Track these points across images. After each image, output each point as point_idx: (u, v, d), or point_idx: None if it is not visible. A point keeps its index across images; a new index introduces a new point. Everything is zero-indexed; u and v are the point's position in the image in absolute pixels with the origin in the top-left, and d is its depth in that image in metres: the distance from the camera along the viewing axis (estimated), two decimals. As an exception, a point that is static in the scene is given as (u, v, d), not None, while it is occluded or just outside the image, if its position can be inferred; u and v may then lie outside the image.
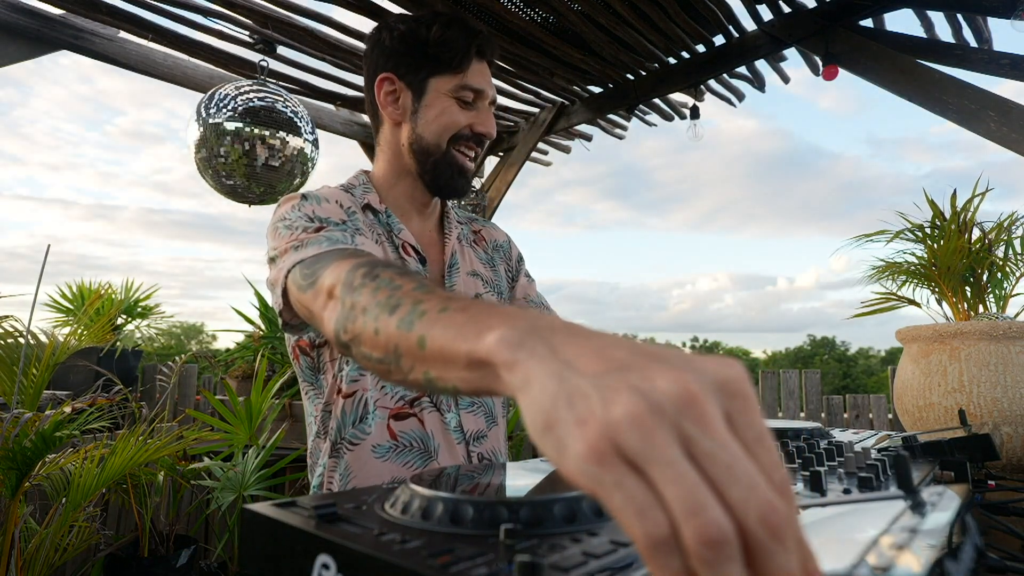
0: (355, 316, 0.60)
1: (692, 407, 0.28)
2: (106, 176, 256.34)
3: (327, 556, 0.41)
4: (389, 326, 0.54)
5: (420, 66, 1.02)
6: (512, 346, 0.38)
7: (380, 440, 0.95)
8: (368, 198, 1.05)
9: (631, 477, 0.27)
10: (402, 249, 1.04)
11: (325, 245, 0.81)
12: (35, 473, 2.01)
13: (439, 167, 1.04)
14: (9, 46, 2.48)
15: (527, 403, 0.33)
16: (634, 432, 0.27)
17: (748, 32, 2.79)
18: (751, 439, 0.29)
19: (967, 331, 1.42)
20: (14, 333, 2.27)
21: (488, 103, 1.05)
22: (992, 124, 2.13)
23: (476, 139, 1.05)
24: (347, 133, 3.77)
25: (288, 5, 2.56)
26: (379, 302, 0.57)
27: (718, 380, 0.30)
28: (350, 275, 0.65)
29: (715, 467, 0.26)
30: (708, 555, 0.25)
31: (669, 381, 0.28)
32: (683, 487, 0.26)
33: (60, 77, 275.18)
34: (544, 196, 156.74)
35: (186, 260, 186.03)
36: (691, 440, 0.27)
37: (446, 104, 1.01)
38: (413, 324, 0.51)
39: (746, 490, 0.26)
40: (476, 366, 0.43)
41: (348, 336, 0.61)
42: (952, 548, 0.35)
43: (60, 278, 19.13)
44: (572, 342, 0.35)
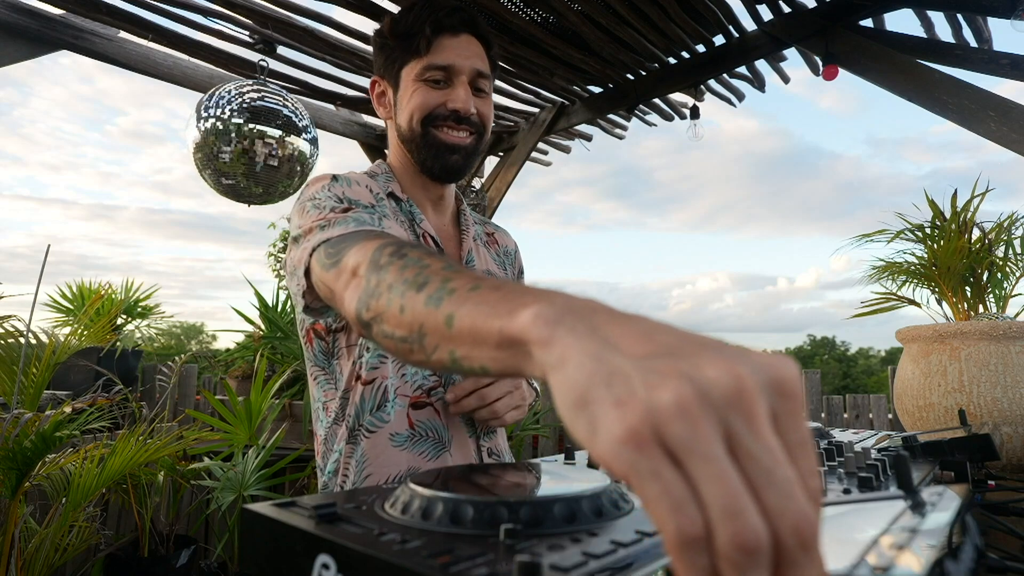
0: (380, 293, 0.58)
1: (741, 402, 0.27)
2: (106, 176, 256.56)
3: (327, 556, 0.41)
4: (416, 303, 0.52)
5: (392, 60, 1.02)
6: (549, 323, 0.36)
7: (399, 428, 0.95)
8: (391, 186, 1.05)
9: (670, 468, 0.26)
10: (423, 238, 1.03)
11: (352, 225, 0.78)
12: (35, 473, 2.01)
13: (422, 151, 1.01)
14: (9, 46, 2.47)
15: (559, 380, 0.32)
16: (679, 421, 0.26)
17: (748, 32, 2.79)
18: (794, 443, 0.28)
19: (967, 331, 1.42)
20: (14, 333, 2.27)
21: (466, 78, 1.00)
22: (992, 124, 2.13)
23: (454, 117, 0.99)
24: (347, 133, 3.77)
25: (288, 5, 2.56)
26: (406, 279, 0.55)
27: (771, 377, 0.29)
28: (376, 254, 0.63)
29: (756, 469, 0.26)
30: (741, 560, 0.24)
31: (721, 371, 0.27)
32: (724, 487, 0.25)
33: (60, 77, 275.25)
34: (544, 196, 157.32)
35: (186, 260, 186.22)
36: (736, 436, 0.26)
37: (415, 88, 1.00)
38: (442, 301, 0.49)
39: (784, 498, 0.25)
40: (508, 344, 0.41)
41: (371, 314, 0.59)
42: (952, 548, 0.35)
43: (60, 278, 19.14)
44: (615, 322, 0.34)
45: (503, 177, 3.87)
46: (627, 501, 0.53)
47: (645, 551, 0.40)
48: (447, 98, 0.99)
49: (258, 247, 49.13)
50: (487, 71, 1.03)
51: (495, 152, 3.98)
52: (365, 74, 3.08)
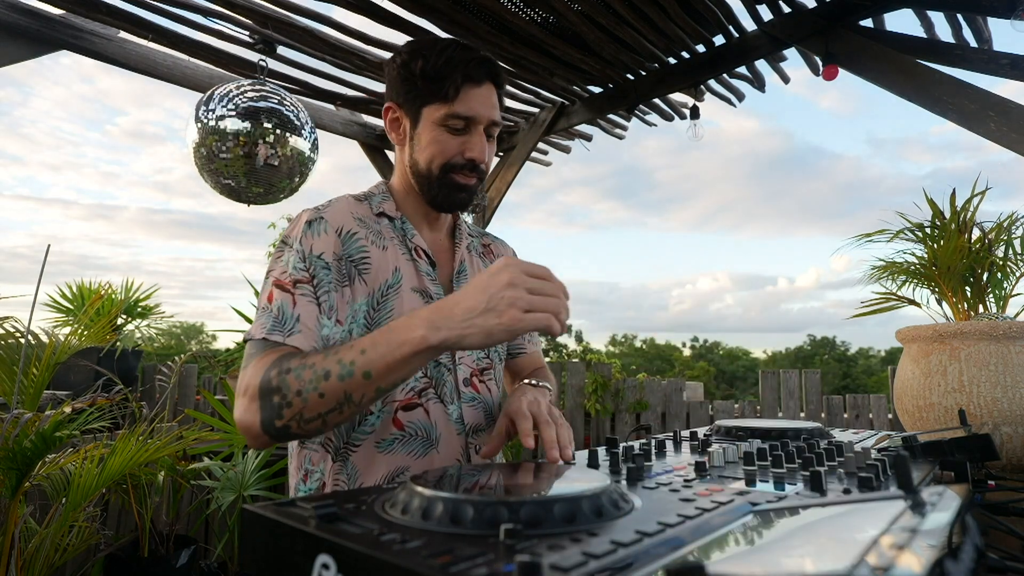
0: (290, 402, 0.80)
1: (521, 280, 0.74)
2: (107, 176, 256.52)
3: (327, 556, 0.41)
4: (331, 385, 0.78)
5: (414, 96, 1.06)
6: (435, 328, 0.76)
7: (384, 435, 1.00)
8: (384, 206, 1.11)
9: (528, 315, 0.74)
10: (415, 252, 1.09)
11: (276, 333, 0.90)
12: (35, 473, 2.01)
13: (434, 190, 1.08)
14: (9, 46, 2.48)
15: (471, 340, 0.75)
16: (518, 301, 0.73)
17: (748, 32, 2.79)
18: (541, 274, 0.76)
19: (967, 331, 1.42)
20: (14, 333, 2.27)
21: (483, 127, 1.06)
22: (992, 124, 2.13)
23: (470, 165, 1.07)
24: (347, 133, 3.77)
25: (288, 5, 2.56)
26: (309, 379, 0.80)
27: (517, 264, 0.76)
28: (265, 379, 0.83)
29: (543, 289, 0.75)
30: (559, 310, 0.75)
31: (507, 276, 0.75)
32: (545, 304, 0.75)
33: (61, 77, 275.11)
34: (544, 196, 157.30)
35: (186, 260, 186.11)
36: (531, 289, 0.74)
37: (435, 133, 1.05)
38: (352, 372, 0.78)
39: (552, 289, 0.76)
40: (417, 356, 0.77)
41: (283, 421, 0.81)
42: (952, 548, 0.35)
43: (60, 278, 19.12)
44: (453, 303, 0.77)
45: (503, 177, 3.87)
46: (627, 501, 0.53)
47: (645, 551, 0.40)
48: (465, 146, 1.06)
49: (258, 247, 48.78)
50: (499, 119, 1.11)
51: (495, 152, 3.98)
52: (365, 74, 3.09)
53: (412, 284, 1.07)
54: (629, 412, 3.78)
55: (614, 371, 3.95)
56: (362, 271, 1.02)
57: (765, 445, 0.90)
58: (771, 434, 1.06)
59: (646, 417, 3.74)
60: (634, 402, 3.76)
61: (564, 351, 18.44)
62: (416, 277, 1.08)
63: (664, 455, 0.92)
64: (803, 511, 0.48)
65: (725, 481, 0.69)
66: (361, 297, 1.01)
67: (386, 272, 1.04)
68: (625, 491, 0.55)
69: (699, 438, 1.04)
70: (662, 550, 0.40)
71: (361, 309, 1.01)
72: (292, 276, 0.97)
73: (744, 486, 0.66)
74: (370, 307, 1.02)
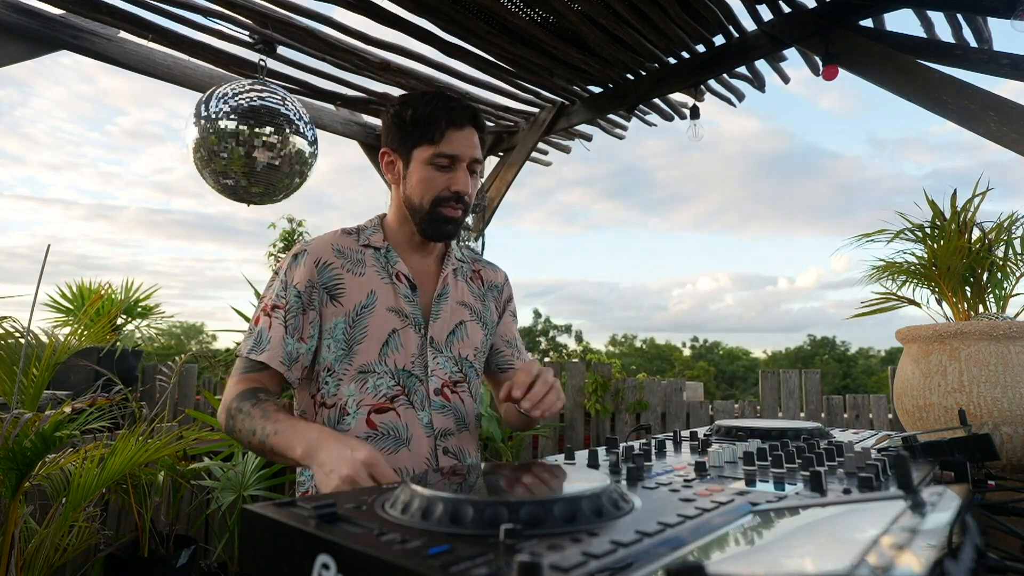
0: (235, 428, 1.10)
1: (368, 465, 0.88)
2: (107, 176, 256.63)
3: (327, 556, 0.41)
4: (255, 441, 1.06)
5: (405, 140, 1.22)
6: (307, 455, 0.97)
7: (359, 433, 1.17)
8: (372, 239, 1.28)
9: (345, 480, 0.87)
10: (395, 277, 1.25)
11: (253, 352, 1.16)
12: (35, 473, 2.01)
13: (425, 222, 1.24)
14: (9, 46, 2.48)
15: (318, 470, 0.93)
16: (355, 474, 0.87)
17: (748, 32, 2.79)
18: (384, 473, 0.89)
19: (967, 331, 1.42)
20: (14, 333, 2.27)
21: (466, 164, 1.22)
22: (992, 124, 2.13)
23: (455, 197, 1.22)
24: (347, 133, 3.77)
25: (288, 5, 2.56)
26: (247, 427, 1.07)
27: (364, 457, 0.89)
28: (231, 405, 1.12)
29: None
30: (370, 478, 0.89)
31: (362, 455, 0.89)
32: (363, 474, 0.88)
33: (61, 77, 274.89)
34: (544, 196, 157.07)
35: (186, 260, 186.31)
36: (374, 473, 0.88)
37: (424, 172, 1.21)
38: (265, 442, 1.04)
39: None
40: (298, 460, 0.99)
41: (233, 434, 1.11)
42: (952, 548, 0.35)
43: (60, 278, 19.14)
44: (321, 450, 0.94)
45: (503, 177, 3.87)
46: (627, 501, 0.53)
47: (645, 551, 0.40)
48: (451, 181, 1.21)
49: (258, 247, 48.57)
50: (480, 157, 1.26)
51: (495, 152, 3.98)
52: (365, 74, 3.09)
53: (388, 304, 1.23)
54: (629, 412, 3.78)
55: (614, 371, 3.96)
56: (335, 295, 1.20)
57: (765, 445, 0.90)
58: (771, 434, 1.06)
59: (646, 417, 3.74)
60: (634, 402, 3.76)
61: (564, 351, 18.40)
62: (393, 298, 1.24)
63: (664, 455, 0.92)
64: (803, 511, 0.48)
65: (725, 481, 0.69)
66: (336, 317, 1.19)
67: (360, 295, 1.21)
68: (625, 491, 0.55)
69: (699, 438, 1.04)
70: (662, 550, 0.40)
71: (339, 326, 1.19)
72: (273, 302, 1.20)
73: (744, 486, 0.66)
74: (347, 324, 1.19)
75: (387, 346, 1.20)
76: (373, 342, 1.19)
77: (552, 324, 55.89)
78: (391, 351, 1.20)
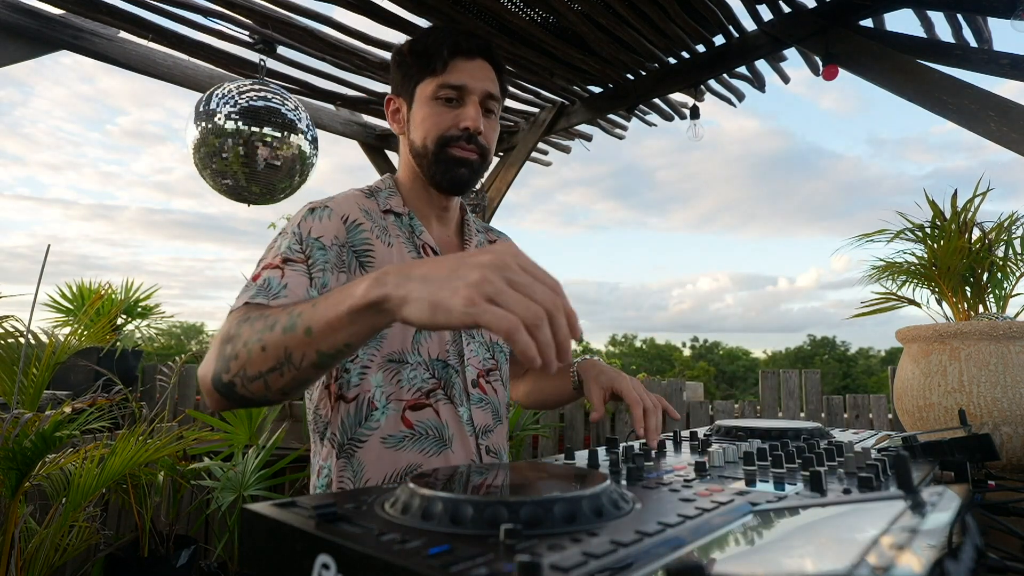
0: (236, 353, 0.73)
1: (504, 265, 0.58)
2: (107, 176, 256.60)
3: (327, 556, 0.41)
4: (274, 337, 0.70)
5: (408, 78, 1.07)
6: (378, 285, 0.62)
7: (392, 431, 0.99)
8: (391, 202, 1.10)
9: (491, 306, 0.56)
10: (423, 250, 1.08)
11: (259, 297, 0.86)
12: (35, 473, 2.00)
13: (433, 167, 1.06)
14: (9, 46, 2.48)
15: (412, 308, 0.60)
16: (485, 284, 0.56)
17: (748, 32, 2.79)
18: (533, 271, 0.59)
19: (967, 331, 1.42)
20: (14, 333, 2.27)
21: (477, 98, 1.04)
22: (992, 124, 2.12)
23: (466, 136, 1.04)
24: (347, 133, 3.77)
25: (288, 5, 2.56)
26: (258, 329, 0.72)
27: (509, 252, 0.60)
28: (227, 329, 0.77)
29: (525, 288, 0.57)
30: (536, 322, 0.55)
31: (488, 258, 0.58)
32: (515, 300, 0.56)
33: (61, 77, 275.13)
34: (544, 196, 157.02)
35: (186, 260, 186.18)
36: (511, 281, 0.57)
37: (429, 108, 1.05)
38: (296, 324, 0.68)
39: (540, 293, 0.57)
40: (358, 315, 0.64)
41: (230, 375, 0.73)
42: (952, 548, 0.35)
43: (60, 278, 19.16)
44: (416, 266, 0.62)
45: (503, 177, 3.87)
46: (627, 501, 0.53)
47: (645, 551, 0.40)
48: (458, 118, 1.03)
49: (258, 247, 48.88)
50: (497, 94, 1.08)
51: (495, 152, 3.98)
52: (365, 74, 3.08)
53: None
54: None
55: (614, 371, 3.95)
56: (365, 263, 1.00)
57: (765, 445, 0.90)
58: (771, 434, 1.06)
59: (646, 417, 3.73)
60: (634, 402, 3.76)
61: (564, 351, 18.39)
62: None
63: (664, 455, 0.92)
64: (803, 511, 0.48)
65: (725, 481, 0.69)
66: None
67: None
68: (625, 491, 0.55)
69: (699, 438, 1.04)
70: (662, 550, 0.40)
71: None
72: (284, 256, 0.93)
73: (744, 486, 0.66)
74: None
75: (419, 332, 1.02)
76: (404, 327, 1.00)
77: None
78: (424, 338, 1.03)
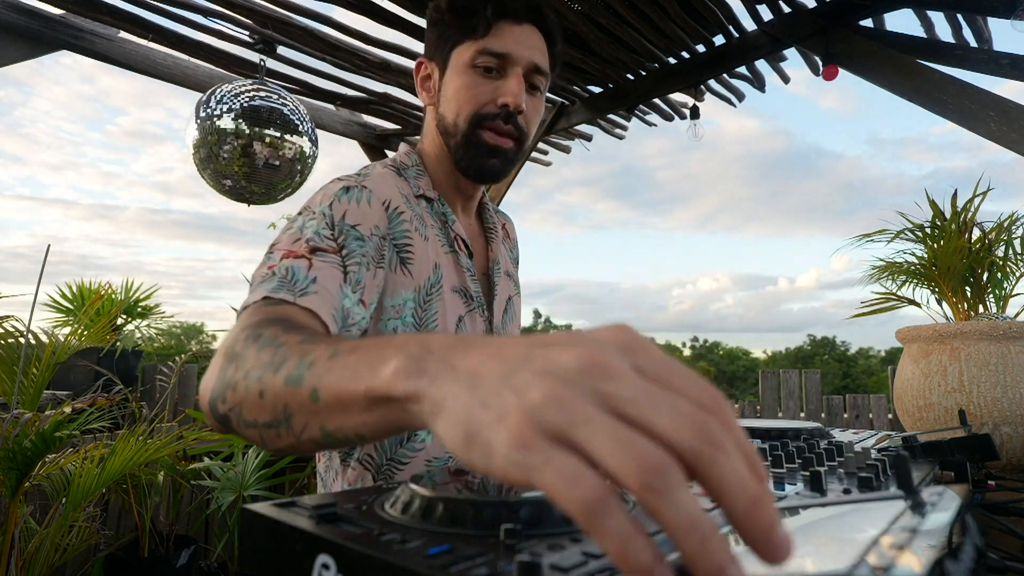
0: (236, 382, 0.54)
1: (599, 369, 0.28)
2: (107, 176, 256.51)
3: (327, 556, 0.41)
4: (275, 384, 0.50)
5: (443, 39, 0.92)
6: (412, 375, 0.37)
7: (438, 452, 0.89)
8: (422, 184, 0.96)
9: (558, 451, 0.26)
10: (455, 242, 0.96)
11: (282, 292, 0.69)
12: (35, 473, 2.00)
13: (461, 151, 0.92)
14: (9, 46, 2.47)
15: (444, 427, 0.33)
16: (552, 407, 0.27)
17: (748, 32, 2.79)
18: (665, 375, 0.28)
19: (967, 331, 1.42)
20: (14, 333, 2.27)
21: (522, 70, 0.89)
22: (992, 124, 2.12)
23: (504, 115, 0.89)
24: (347, 133, 3.77)
25: (288, 5, 2.56)
26: (263, 363, 0.52)
27: (615, 342, 0.30)
28: (234, 341, 0.59)
29: (636, 408, 0.26)
30: (656, 484, 0.24)
31: (571, 356, 0.29)
32: (609, 435, 0.25)
33: (61, 77, 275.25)
34: (545, 196, 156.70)
35: (187, 260, 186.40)
36: (609, 396, 0.27)
37: (465, 77, 0.89)
38: (303, 378, 0.47)
39: (672, 415, 0.26)
40: (377, 404, 0.41)
41: (227, 407, 0.55)
42: (952, 548, 0.35)
43: (61, 278, 19.16)
44: (468, 353, 0.34)
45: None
46: (627, 501, 0.53)
47: (645, 551, 0.40)
48: (498, 91, 0.89)
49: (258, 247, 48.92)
50: (545, 68, 0.94)
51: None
52: (365, 74, 3.08)
53: (452, 283, 0.92)
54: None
55: (614, 371, 3.95)
56: (405, 260, 0.86)
57: (765, 445, 0.90)
58: (771, 434, 1.06)
59: (646, 417, 3.73)
60: (634, 402, 3.76)
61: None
62: (456, 274, 0.93)
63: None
64: (803, 511, 0.48)
65: (725, 481, 0.69)
66: (407, 291, 0.86)
67: (427, 268, 0.89)
68: (625, 492, 0.55)
69: (699, 438, 1.04)
70: (662, 550, 0.40)
71: (408, 304, 0.86)
72: (311, 243, 0.75)
73: (744, 486, 0.66)
74: (417, 305, 0.87)
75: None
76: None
77: (552, 324, 55.87)
78: None
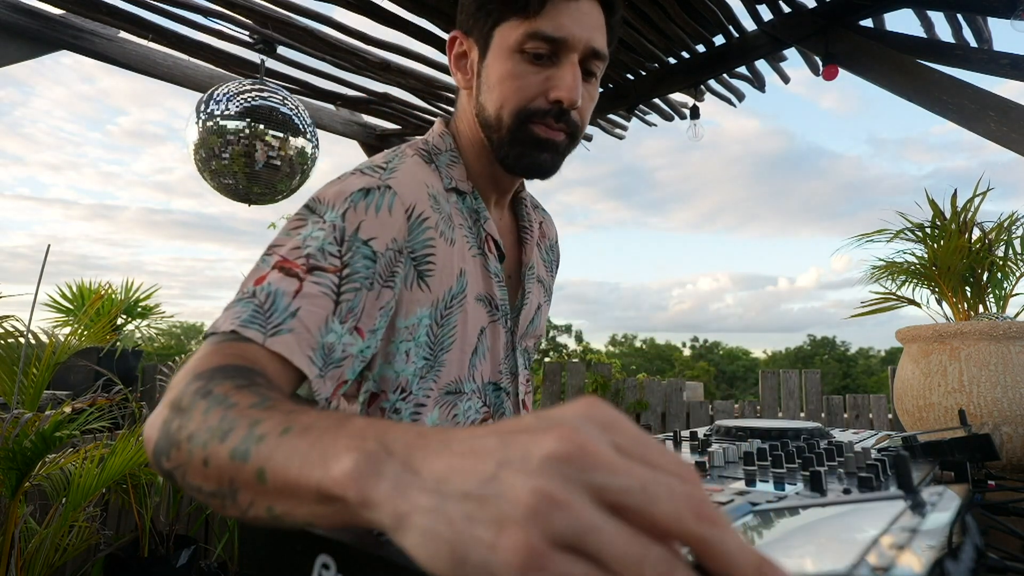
0: (180, 442, 0.49)
1: (583, 456, 0.27)
2: (107, 176, 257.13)
3: (327, 556, 0.41)
4: (220, 455, 0.45)
5: (486, 14, 0.78)
6: (365, 477, 0.33)
7: None
8: (455, 174, 0.85)
9: (577, 562, 0.25)
10: (485, 242, 0.85)
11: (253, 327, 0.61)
12: (35, 473, 2.01)
13: (506, 147, 0.80)
14: (9, 46, 2.48)
15: (416, 542, 0.29)
16: (553, 512, 0.25)
17: (748, 32, 2.79)
18: (643, 453, 0.28)
19: (967, 331, 1.42)
20: (14, 333, 2.27)
21: (578, 56, 0.76)
22: (992, 124, 2.13)
23: (556, 111, 0.76)
24: (347, 133, 3.77)
25: (288, 5, 2.56)
26: (209, 427, 0.47)
27: (590, 420, 0.29)
28: (182, 393, 0.53)
29: (634, 499, 0.26)
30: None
31: (551, 442, 0.27)
32: (622, 546, 0.25)
33: (62, 77, 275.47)
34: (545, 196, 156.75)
35: (187, 260, 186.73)
36: (603, 489, 0.26)
37: (510, 64, 0.76)
38: (249, 453, 0.42)
39: (668, 499, 0.26)
40: (329, 501, 0.36)
41: (171, 464, 0.50)
42: (952, 548, 0.35)
43: (61, 278, 19.17)
44: (432, 455, 0.31)
45: (503, 177, 3.87)
46: None
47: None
48: (549, 83, 0.76)
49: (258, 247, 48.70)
50: (604, 51, 0.79)
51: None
52: (365, 74, 3.08)
53: (477, 290, 0.81)
54: (629, 412, 3.78)
55: (614, 371, 3.95)
56: (424, 274, 0.76)
57: (765, 445, 0.90)
58: (771, 434, 1.06)
59: (646, 417, 3.74)
60: (634, 402, 3.76)
61: (564, 351, 18.49)
62: (482, 279, 0.83)
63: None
64: (803, 511, 0.48)
65: (725, 481, 0.69)
66: (422, 308, 0.76)
67: (450, 276, 0.78)
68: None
69: (699, 438, 1.04)
70: None
71: (423, 322, 0.76)
72: (312, 260, 0.66)
73: (744, 486, 0.66)
74: (433, 321, 0.77)
75: (475, 354, 0.82)
76: (463, 349, 0.80)
77: (552, 324, 55.93)
78: (479, 360, 0.83)
